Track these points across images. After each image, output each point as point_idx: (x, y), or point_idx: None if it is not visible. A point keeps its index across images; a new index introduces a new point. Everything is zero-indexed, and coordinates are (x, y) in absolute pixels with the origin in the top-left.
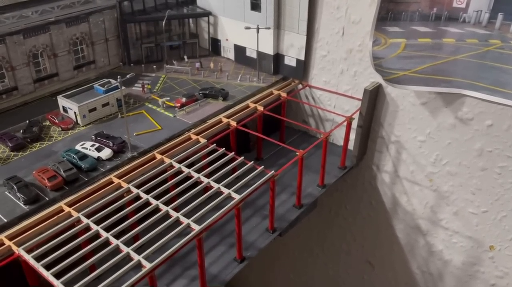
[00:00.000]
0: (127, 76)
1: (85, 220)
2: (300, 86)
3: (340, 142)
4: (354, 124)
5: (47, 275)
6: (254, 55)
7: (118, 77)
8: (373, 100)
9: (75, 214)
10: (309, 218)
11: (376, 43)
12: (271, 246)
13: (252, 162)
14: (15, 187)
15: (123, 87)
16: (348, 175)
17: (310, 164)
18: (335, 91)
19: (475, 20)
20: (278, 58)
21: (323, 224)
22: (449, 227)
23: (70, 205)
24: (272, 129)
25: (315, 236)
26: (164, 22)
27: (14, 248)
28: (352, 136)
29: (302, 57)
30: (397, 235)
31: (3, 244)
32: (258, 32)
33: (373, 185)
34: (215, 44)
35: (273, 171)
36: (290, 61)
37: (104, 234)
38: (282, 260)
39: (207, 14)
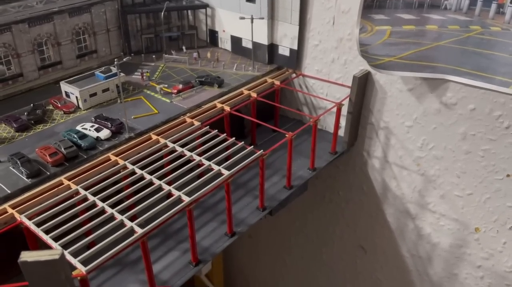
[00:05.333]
0: (124, 59)
1: (83, 192)
2: (293, 75)
3: (332, 130)
4: (345, 112)
5: (46, 238)
6: (249, 46)
7: (115, 59)
8: (362, 87)
9: (74, 187)
10: (303, 204)
11: (363, 30)
12: (268, 232)
13: (243, 142)
14: (18, 162)
15: (122, 74)
16: (340, 161)
17: (302, 149)
18: (326, 80)
19: (456, 7)
20: (272, 48)
21: (317, 210)
22: (436, 210)
23: (69, 179)
24: (267, 118)
25: (309, 222)
26: (163, 14)
27: (17, 215)
28: (343, 123)
29: (295, 47)
30: (388, 220)
31: (7, 212)
32: (252, 22)
33: (364, 171)
34: (213, 35)
35: (262, 150)
36: (283, 50)
37: (100, 204)
38: (278, 245)
39: (205, 6)
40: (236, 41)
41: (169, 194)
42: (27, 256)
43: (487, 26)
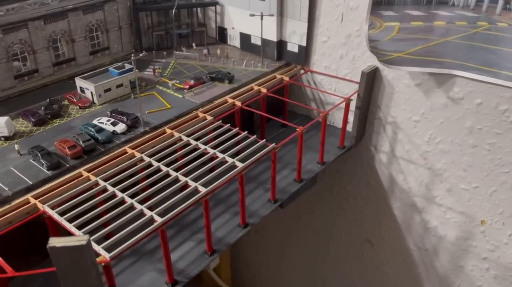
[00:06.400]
0: (140, 55)
1: (102, 183)
2: (302, 71)
3: (340, 125)
4: (353, 107)
5: (70, 227)
6: (258, 42)
7: (132, 55)
8: (370, 82)
9: (93, 178)
10: (311, 199)
11: (372, 26)
12: (275, 227)
13: (255, 136)
14: (39, 154)
15: (136, 70)
16: (348, 156)
17: (311, 144)
18: (335, 75)
19: (463, 4)
20: (281, 44)
21: (325, 204)
22: (443, 203)
23: (88, 171)
24: (276, 113)
25: (317, 216)
26: (173, 12)
27: (40, 205)
28: (351, 118)
29: (304, 43)
30: (395, 213)
31: (29, 202)
32: (262, 19)
33: (372, 165)
34: (222, 33)
35: (274, 143)
36: (292, 47)
37: (120, 194)
38: (285, 240)
39: (214, 3)
40: (245, 38)
41: (185, 186)
42: (55, 242)
43: (494, 22)
